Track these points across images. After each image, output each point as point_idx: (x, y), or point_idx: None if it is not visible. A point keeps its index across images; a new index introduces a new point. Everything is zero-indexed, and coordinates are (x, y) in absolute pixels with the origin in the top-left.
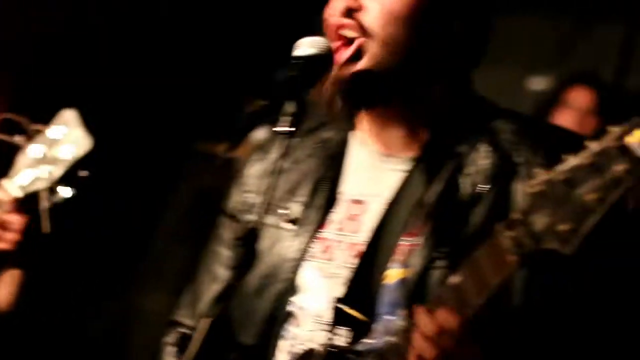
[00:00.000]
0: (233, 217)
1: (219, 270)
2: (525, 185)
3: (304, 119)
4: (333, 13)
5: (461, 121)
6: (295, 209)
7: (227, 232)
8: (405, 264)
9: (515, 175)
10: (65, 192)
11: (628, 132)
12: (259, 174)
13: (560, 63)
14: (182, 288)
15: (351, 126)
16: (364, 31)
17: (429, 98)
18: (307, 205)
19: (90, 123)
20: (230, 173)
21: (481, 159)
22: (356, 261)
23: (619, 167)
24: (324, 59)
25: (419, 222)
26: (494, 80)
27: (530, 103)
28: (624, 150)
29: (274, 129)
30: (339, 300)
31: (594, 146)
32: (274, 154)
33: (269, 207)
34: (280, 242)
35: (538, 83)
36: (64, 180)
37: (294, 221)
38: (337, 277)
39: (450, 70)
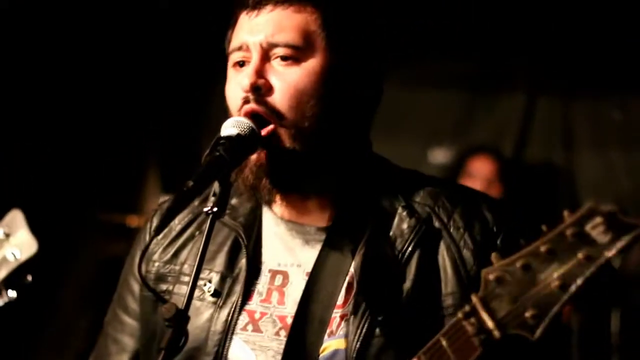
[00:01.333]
0: (141, 287)
1: (125, 340)
2: (483, 271)
3: (229, 198)
4: (241, 91)
5: (370, 186)
6: (214, 279)
7: (133, 301)
8: (340, 335)
9: (437, 237)
10: (9, 294)
11: (587, 218)
12: (166, 245)
13: (461, 135)
14: None
15: (263, 197)
16: (276, 115)
17: (337, 167)
18: (227, 276)
19: None
20: (137, 243)
21: (399, 223)
22: (284, 333)
23: (580, 254)
24: (248, 139)
25: (346, 293)
26: (396, 153)
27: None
28: (584, 237)
29: (203, 209)
30: None
31: (552, 232)
32: (177, 221)
33: (180, 278)
34: (202, 314)
35: (440, 155)
36: (8, 283)
37: (215, 293)
38: (267, 349)
39: (353, 137)
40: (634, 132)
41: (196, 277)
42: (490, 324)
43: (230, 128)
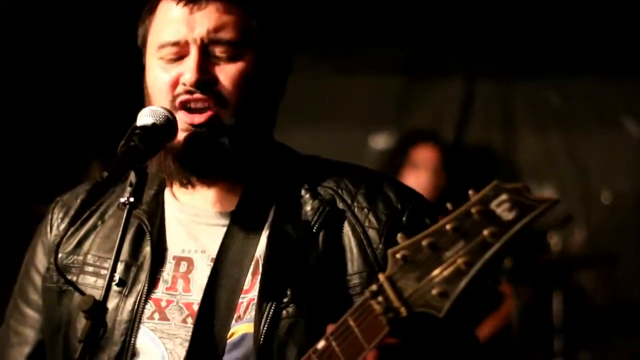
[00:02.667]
0: (43, 279)
1: (27, 332)
2: (389, 251)
3: (145, 188)
4: (177, 84)
5: (273, 171)
6: (119, 268)
7: (34, 293)
8: (247, 320)
9: (341, 218)
10: None
11: (492, 196)
12: (68, 236)
13: (402, 120)
14: None
15: (164, 183)
16: (218, 102)
17: (247, 153)
18: (131, 265)
19: None
20: (37, 236)
21: (303, 206)
22: (191, 320)
23: (485, 231)
24: (164, 128)
25: (252, 277)
26: (337, 139)
27: (373, 161)
28: (489, 214)
29: (120, 200)
30: None
31: (457, 211)
32: (74, 212)
33: (84, 268)
34: (108, 303)
35: (381, 141)
36: None
37: (120, 282)
38: (175, 337)
39: (266, 125)
40: (573, 115)
41: (114, 267)
42: (397, 302)
43: (146, 117)
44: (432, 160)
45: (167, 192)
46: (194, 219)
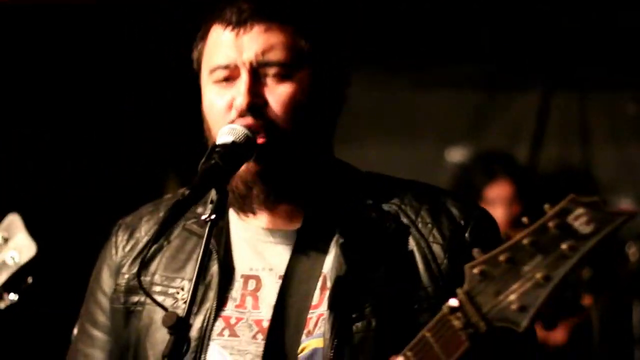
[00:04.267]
0: (109, 300)
1: (96, 354)
2: (466, 266)
3: (226, 205)
4: (232, 109)
5: (337, 189)
6: (186, 287)
7: (102, 315)
8: (317, 335)
9: (406, 234)
10: (10, 297)
11: (569, 210)
12: (131, 255)
13: (477, 134)
14: None
15: (250, 207)
16: (269, 127)
17: (309, 173)
18: (199, 283)
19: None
20: (102, 259)
21: (368, 222)
22: (262, 336)
23: (564, 245)
24: (243, 147)
25: (321, 293)
26: (413, 153)
27: (448, 175)
28: (566, 228)
29: (202, 217)
30: None
31: (534, 225)
32: (142, 233)
33: (152, 288)
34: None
35: (456, 155)
36: (8, 286)
37: (192, 300)
38: (245, 353)
39: (325, 144)
40: None
41: (196, 285)
42: (476, 317)
43: (225, 135)
44: (506, 196)
45: (231, 211)
46: (260, 238)
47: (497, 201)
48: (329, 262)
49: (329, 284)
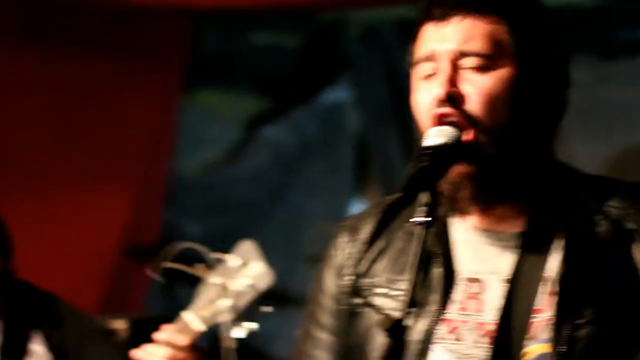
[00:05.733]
0: (335, 301)
1: (322, 355)
2: None
3: (438, 208)
4: (433, 101)
5: (560, 191)
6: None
7: (326, 316)
8: (542, 340)
9: (631, 239)
10: (248, 326)
11: None
12: (354, 257)
13: None
14: None
15: (460, 209)
16: (470, 121)
17: (528, 173)
18: (421, 285)
19: None
20: (325, 262)
21: (594, 226)
22: (486, 340)
23: None
24: (454, 148)
25: (545, 297)
26: (632, 150)
27: None
28: None
29: (413, 219)
30: None
31: None
32: (363, 234)
33: (374, 290)
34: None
35: None
36: (246, 314)
37: (412, 302)
38: (471, 357)
39: (541, 144)
40: None
41: (414, 289)
42: None
43: (434, 137)
44: None
45: (451, 214)
46: (483, 240)
47: None
48: (553, 265)
49: (553, 288)
